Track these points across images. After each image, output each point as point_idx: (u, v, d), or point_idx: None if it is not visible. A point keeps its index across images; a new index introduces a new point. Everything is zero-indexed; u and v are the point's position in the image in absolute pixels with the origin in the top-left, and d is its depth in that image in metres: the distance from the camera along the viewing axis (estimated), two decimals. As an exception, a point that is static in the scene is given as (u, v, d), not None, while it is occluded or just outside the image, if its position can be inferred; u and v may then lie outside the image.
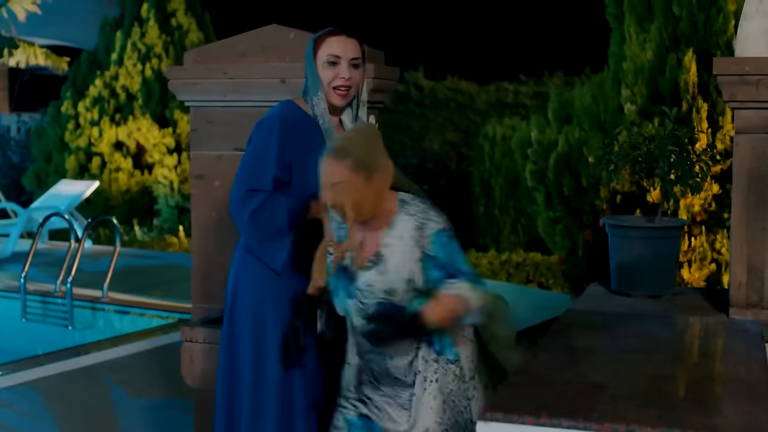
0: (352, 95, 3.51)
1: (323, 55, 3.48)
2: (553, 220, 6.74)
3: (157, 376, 6.14)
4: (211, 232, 4.61)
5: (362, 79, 3.52)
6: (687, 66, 5.97)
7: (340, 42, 3.47)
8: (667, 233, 4.07)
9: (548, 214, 6.76)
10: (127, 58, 13.63)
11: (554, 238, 6.78)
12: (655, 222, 4.11)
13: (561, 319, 3.50)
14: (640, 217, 4.46)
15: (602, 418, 2.43)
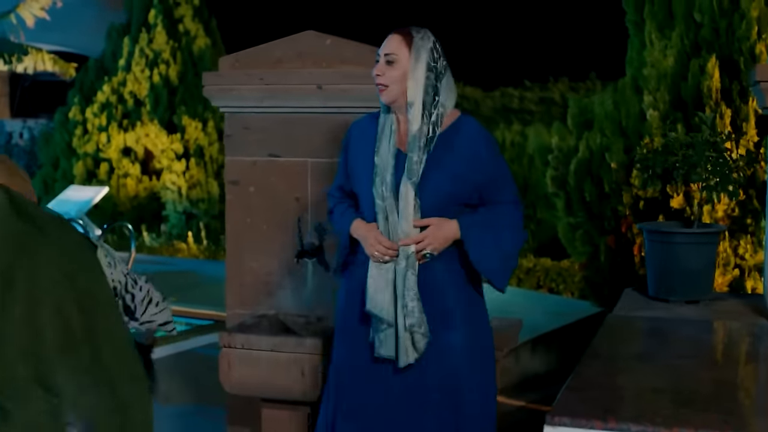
0: (395, 93, 3.36)
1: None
2: (574, 225, 6.74)
3: (182, 382, 6.16)
4: (245, 238, 4.62)
5: (402, 77, 3.36)
6: (710, 72, 5.98)
7: (386, 40, 3.44)
8: (705, 239, 4.08)
9: (568, 220, 6.76)
10: (135, 64, 13.64)
11: (574, 244, 6.79)
12: (693, 228, 4.13)
13: (608, 325, 3.51)
14: (678, 222, 4.47)
15: (669, 422, 2.45)
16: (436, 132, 3.37)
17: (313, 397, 4.12)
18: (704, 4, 6.20)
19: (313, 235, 4.50)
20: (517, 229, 3.46)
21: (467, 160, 3.38)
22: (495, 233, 3.39)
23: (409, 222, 3.36)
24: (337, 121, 4.39)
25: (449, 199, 3.39)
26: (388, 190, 3.38)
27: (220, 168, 13.58)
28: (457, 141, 3.40)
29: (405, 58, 3.37)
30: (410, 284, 3.36)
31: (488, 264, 3.39)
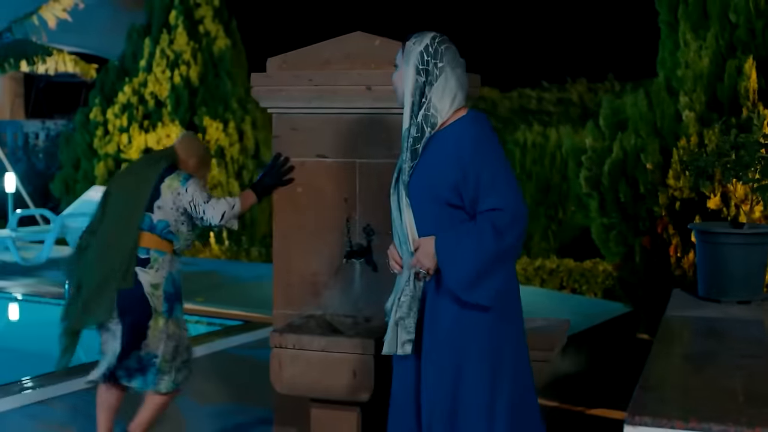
0: (399, 95, 3.52)
1: None
2: (607, 226, 6.75)
3: (219, 382, 6.17)
4: (293, 238, 4.63)
5: (399, 80, 3.51)
6: (747, 73, 5.99)
7: None
8: (756, 240, 4.09)
9: (602, 221, 6.77)
10: (156, 65, 13.66)
11: (608, 245, 6.79)
12: (744, 229, 4.13)
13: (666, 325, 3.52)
14: (729, 223, 4.47)
15: (752, 422, 2.45)
16: (425, 132, 3.42)
17: (363, 398, 4.13)
18: (740, 5, 6.21)
19: (361, 235, 4.52)
20: (486, 243, 3.31)
21: (449, 159, 3.39)
22: (459, 252, 3.34)
23: (406, 221, 3.44)
24: (386, 122, 4.40)
25: (431, 199, 3.41)
26: (393, 188, 3.52)
27: (241, 169, 13.59)
28: (445, 141, 3.44)
29: (401, 63, 3.53)
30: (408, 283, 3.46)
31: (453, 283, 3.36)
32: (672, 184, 6.15)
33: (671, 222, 6.23)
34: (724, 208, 5.99)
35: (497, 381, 3.39)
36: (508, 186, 3.33)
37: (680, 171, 6.11)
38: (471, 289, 3.31)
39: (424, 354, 3.45)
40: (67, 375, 6.28)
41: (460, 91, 3.44)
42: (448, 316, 3.41)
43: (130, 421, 4.84)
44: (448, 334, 3.41)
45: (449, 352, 3.40)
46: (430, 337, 3.44)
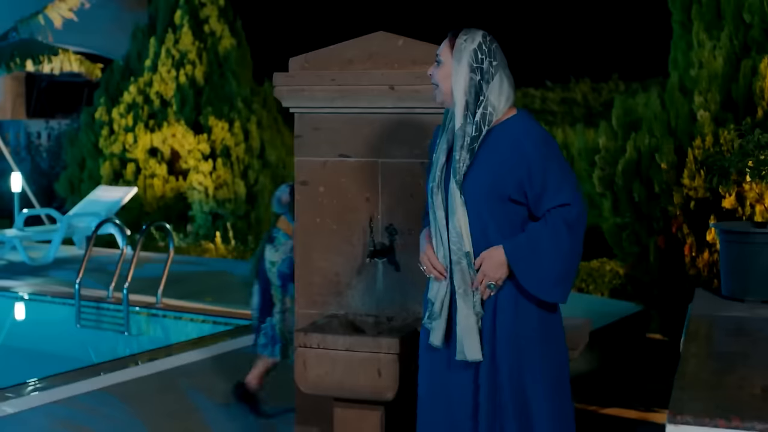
0: (442, 93, 3.48)
1: None
2: (621, 226, 6.76)
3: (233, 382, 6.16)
4: (315, 238, 4.63)
5: (446, 78, 3.47)
6: (762, 72, 6.00)
7: None
8: (781, 239, 4.10)
9: (615, 220, 6.78)
10: (161, 65, 13.67)
11: (621, 244, 6.81)
12: (767, 228, 4.14)
13: (694, 324, 3.53)
14: (752, 222, 4.48)
15: (795, 421, 2.46)
16: (482, 131, 3.43)
17: (389, 397, 4.13)
18: (754, 5, 6.22)
19: (383, 235, 4.52)
20: (563, 240, 3.38)
21: (512, 157, 3.41)
22: (538, 254, 3.39)
23: (459, 221, 3.42)
24: (409, 122, 4.41)
25: (491, 196, 3.42)
26: (437, 187, 3.48)
27: (246, 168, 13.59)
28: (503, 138, 3.45)
29: (449, 60, 3.48)
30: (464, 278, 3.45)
31: (535, 286, 3.41)
32: (687, 184, 6.16)
33: (686, 221, 6.24)
34: (739, 207, 6.00)
35: (560, 379, 3.51)
36: (572, 183, 3.41)
37: (695, 171, 6.12)
38: (553, 289, 3.39)
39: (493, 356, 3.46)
40: (82, 375, 6.31)
41: (512, 90, 3.47)
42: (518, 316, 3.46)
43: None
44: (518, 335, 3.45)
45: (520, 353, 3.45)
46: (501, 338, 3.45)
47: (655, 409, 6.12)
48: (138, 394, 5.96)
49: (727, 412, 2.52)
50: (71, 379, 6.16)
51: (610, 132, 6.97)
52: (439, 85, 3.49)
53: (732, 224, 4.33)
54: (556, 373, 3.56)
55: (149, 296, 8.76)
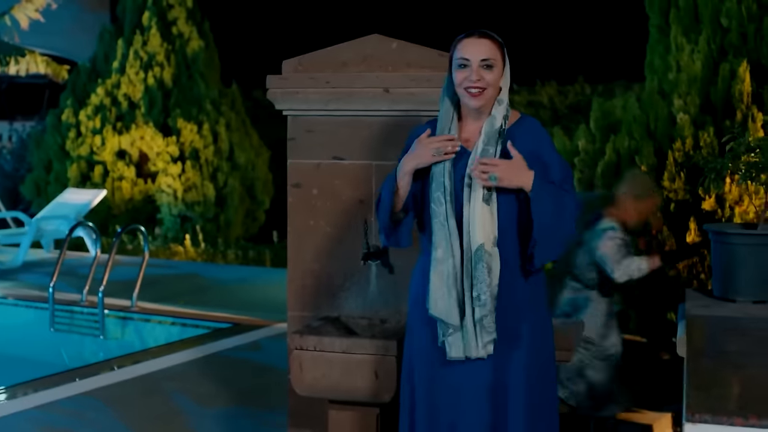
0: (489, 96, 3.46)
1: (455, 59, 3.50)
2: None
3: (219, 385, 6.16)
4: (307, 240, 4.64)
5: (498, 79, 3.48)
6: (741, 76, 6.08)
7: (471, 44, 3.46)
8: (771, 240, 4.16)
9: (595, 222, 6.83)
10: (129, 67, 13.59)
11: (600, 246, 6.86)
12: (758, 229, 4.20)
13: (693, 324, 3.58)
14: (743, 224, 4.55)
15: (812, 418, 2.50)
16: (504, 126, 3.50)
17: (386, 399, 4.14)
18: (731, 9, 6.31)
19: (377, 237, 4.53)
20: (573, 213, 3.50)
21: (530, 156, 3.45)
22: (559, 206, 3.44)
23: (480, 213, 3.42)
24: (403, 124, 4.42)
25: (509, 192, 3.46)
26: (447, 193, 3.47)
27: (215, 171, 13.54)
28: (518, 137, 3.49)
29: (500, 62, 3.48)
30: (481, 276, 3.42)
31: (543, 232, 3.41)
32: (667, 186, 6.23)
33: (666, 223, 6.30)
34: (719, 209, 6.08)
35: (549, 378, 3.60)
36: (571, 177, 3.54)
37: (675, 173, 6.20)
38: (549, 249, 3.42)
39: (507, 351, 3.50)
40: (64, 379, 6.26)
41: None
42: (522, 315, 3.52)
43: None
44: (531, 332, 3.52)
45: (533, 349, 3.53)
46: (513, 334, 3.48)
47: (635, 409, 6.17)
48: (121, 398, 5.93)
49: (743, 410, 2.56)
50: (53, 384, 6.12)
51: (589, 134, 7.02)
52: (488, 88, 3.45)
53: (723, 226, 4.39)
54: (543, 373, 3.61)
55: (123, 299, 8.71)
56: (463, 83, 3.46)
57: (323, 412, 4.50)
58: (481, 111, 3.51)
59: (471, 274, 3.42)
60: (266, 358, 6.93)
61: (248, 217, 14.02)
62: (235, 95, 14.22)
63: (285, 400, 5.71)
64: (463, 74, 3.46)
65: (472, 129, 3.56)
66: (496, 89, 3.48)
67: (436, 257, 3.50)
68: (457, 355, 3.50)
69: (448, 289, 3.48)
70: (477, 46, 3.47)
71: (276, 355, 6.95)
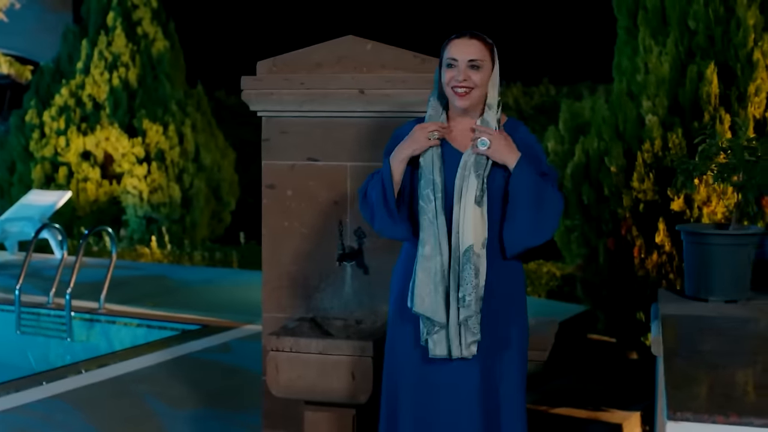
0: (476, 96, 3.49)
1: (444, 59, 3.53)
2: (569, 228, 6.86)
3: (189, 387, 6.14)
4: (282, 241, 4.63)
5: (486, 80, 3.50)
6: (709, 78, 6.14)
7: (460, 44, 3.50)
8: (743, 240, 4.21)
9: (564, 223, 6.88)
10: (94, 67, 13.50)
11: (570, 246, 6.91)
12: (730, 229, 4.25)
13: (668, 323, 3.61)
14: (716, 224, 4.60)
15: (791, 416, 2.53)
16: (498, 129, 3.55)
17: (362, 400, 4.15)
18: (699, 12, 6.36)
19: (352, 238, 4.54)
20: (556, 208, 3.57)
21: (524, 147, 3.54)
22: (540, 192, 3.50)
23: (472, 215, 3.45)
24: (377, 125, 4.44)
25: (500, 191, 3.52)
26: (437, 191, 3.50)
27: (181, 172, 13.48)
28: (512, 135, 3.55)
29: (488, 63, 3.52)
30: (468, 278, 3.44)
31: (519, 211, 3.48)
32: (636, 187, 6.28)
33: (635, 224, 6.35)
34: (687, 210, 6.14)
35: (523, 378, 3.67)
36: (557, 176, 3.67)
37: (644, 174, 6.25)
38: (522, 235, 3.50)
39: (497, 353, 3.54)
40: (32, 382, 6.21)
41: None
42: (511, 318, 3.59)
43: None
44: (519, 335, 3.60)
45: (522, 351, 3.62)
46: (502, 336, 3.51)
47: (604, 409, 6.21)
48: (91, 401, 5.89)
49: (723, 408, 2.59)
50: (20, 387, 6.07)
51: (558, 135, 7.07)
52: (475, 89, 3.48)
53: (696, 226, 4.43)
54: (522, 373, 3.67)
55: (90, 302, 8.65)
56: (450, 83, 3.51)
57: (298, 414, 4.51)
58: (467, 112, 3.55)
59: (458, 275, 3.44)
60: (236, 360, 6.91)
61: (214, 219, 13.97)
62: (200, 96, 14.17)
63: (256, 402, 5.73)
64: (451, 74, 3.51)
65: (461, 129, 3.59)
66: (483, 90, 3.51)
67: (423, 254, 3.51)
68: (441, 354, 3.53)
69: (435, 286, 3.49)
70: (465, 47, 3.51)
71: (246, 357, 6.93)
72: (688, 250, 4.29)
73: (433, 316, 3.49)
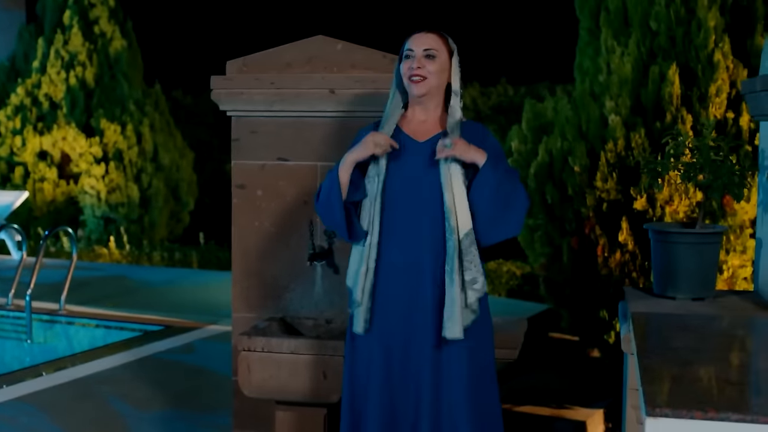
0: (430, 85, 3.59)
1: (403, 51, 3.65)
2: (533, 227, 6.91)
3: (154, 388, 6.10)
4: (252, 241, 4.63)
5: (441, 69, 3.60)
6: (671, 79, 6.22)
7: (418, 38, 3.63)
8: (709, 238, 4.27)
9: (527, 222, 6.93)
10: (50, 66, 13.37)
11: (533, 245, 6.96)
12: (696, 228, 4.31)
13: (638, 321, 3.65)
14: (682, 223, 4.66)
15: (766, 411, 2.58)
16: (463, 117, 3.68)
17: (333, 399, 4.16)
18: (660, 13, 6.44)
19: (322, 238, 4.54)
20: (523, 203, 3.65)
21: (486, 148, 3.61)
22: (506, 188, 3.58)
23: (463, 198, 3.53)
24: (348, 125, 4.44)
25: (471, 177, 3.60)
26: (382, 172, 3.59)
27: (139, 172, 13.39)
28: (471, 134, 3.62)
29: (444, 53, 3.63)
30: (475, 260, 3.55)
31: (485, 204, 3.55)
32: (599, 186, 6.34)
33: (598, 223, 6.42)
34: (649, 209, 6.21)
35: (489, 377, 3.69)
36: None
37: (608, 173, 6.31)
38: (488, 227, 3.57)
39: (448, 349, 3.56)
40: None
41: None
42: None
43: None
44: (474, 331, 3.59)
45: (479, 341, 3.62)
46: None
47: (567, 406, 6.27)
48: (56, 403, 5.82)
49: (701, 404, 2.63)
50: (-12, 388, 6.00)
51: (521, 135, 7.12)
52: (429, 77, 3.58)
53: (663, 225, 4.48)
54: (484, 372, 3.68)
55: (50, 303, 8.57)
56: (407, 72, 3.61)
57: (269, 414, 4.50)
58: (424, 103, 3.64)
59: (460, 258, 3.49)
60: (200, 361, 6.87)
61: (172, 219, 13.89)
62: (158, 95, 14.08)
63: (223, 402, 5.71)
64: (408, 64, 3.61)
65: (419, 120, 3.68)
66: (439, 80, 3.61)
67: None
68: (356, 330, 3.61)
69: (363, 262, 3.60)
70: (422, 38, 3.64)
71: (210, 358, 6.91)
72: (655, 248, 4.34)
73: (353, 287, 3.61)
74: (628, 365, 4.22)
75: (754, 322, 3.87)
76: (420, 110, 3.67)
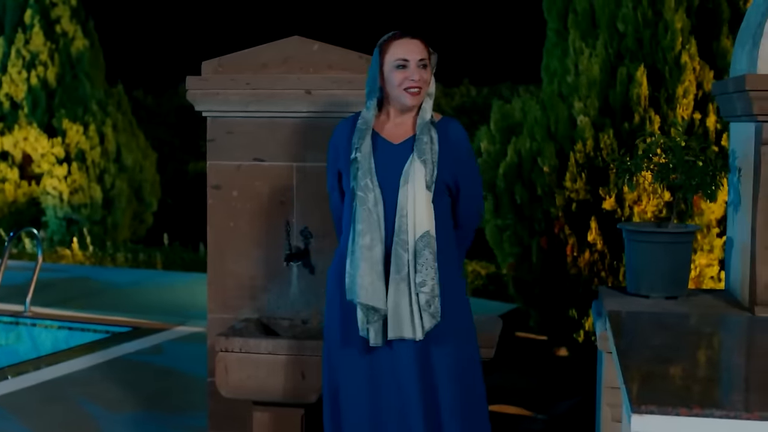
0: (424, 94, 3.60)
1: (391, 60, 3.56)
2: (501, 227, 6.95)
3: (124, 390, 6.07)
4: (228, 242, 4.62)
5: (430, 77, 3.62)
6: (639, 80, 6.28)
7: (406, 44, 3.57)
8: (682, 238, 4.33)
9: (496, 222, 6.97)
10: (11, 66, 13.24)
11: (502, 245, 7.00)
12: (669, 228, 4.36)
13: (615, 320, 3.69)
14: (655, 223, 4.71)
15: (748, 407, 2.62)
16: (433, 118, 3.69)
17: (312, 399, 4.17)
18: (627, 15, 6.50)
19: (299, 238, 4.55)
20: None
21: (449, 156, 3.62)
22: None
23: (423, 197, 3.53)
24: (323, 126, 4.45)
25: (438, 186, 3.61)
26: (375, 179, 3.56)
27: (102, 173, 13.29)
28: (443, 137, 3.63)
29: (428, 60, 3.64)
30: (428, 263, 3.51)
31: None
32: (569, 186, 6.39)
33: (567, 223, 6.47)
34: (618, 208, 6.27)
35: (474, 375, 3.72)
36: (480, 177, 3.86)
37: (576, 173, 6.37)
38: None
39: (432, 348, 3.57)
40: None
41: None
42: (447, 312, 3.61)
43: None
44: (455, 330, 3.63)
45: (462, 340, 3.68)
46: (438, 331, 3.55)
47: (535, 405, 6.32)
48: (26, 405, 5.79)
49: (686, 401, 2.67)
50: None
51: (489, 136, 7.16)
52: (423, 86, 3.59)
53: (637, 225, 4.54)
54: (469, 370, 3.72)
55: (15, 305, 8.50)
56: (404, 83, 3.57)
57: (246, 414, 4.50)
58: (411, 108, 3.63)
59: (414, 261, 3.49)
60: (169, 362, 6.86)
61: (135, 220, 13.80)
62: (121, 95, 13.99)
63: (193, 403, 5.71)
64: (403, 74, 3.56)
65: (397, 122, 3.67)
66: (428, 87, 3.64)
67: (364, 244, 3.53)
68: (378, 342, 3.57)
69: (378, 275, 3.53)
70: (413, 46, 3.59)
71: (179, 359, 6.89)
72: (629, 248, 4.39)
73: (376, 304, 3.53)
74: (603, 363, 4.27)
75: (727, 319, 3.93)
76: (399, 114, 3.66)
